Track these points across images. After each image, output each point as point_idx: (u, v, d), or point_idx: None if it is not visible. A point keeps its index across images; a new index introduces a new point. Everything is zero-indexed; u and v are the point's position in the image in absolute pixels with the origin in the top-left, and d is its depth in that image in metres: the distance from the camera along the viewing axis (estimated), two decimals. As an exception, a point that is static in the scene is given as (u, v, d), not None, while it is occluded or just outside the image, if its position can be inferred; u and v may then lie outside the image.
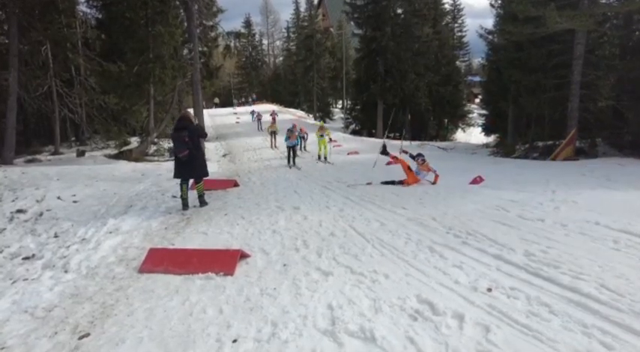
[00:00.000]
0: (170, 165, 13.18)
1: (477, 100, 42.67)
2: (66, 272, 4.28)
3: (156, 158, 16.62)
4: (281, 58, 57.69)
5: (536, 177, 9.43)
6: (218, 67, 22.84)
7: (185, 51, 20.10)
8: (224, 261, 4.06)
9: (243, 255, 4.32)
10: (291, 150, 12.95)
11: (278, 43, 58.88)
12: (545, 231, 4.98)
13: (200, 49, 18.32)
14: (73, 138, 20.21)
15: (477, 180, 8.42)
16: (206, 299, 3.48)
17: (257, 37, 56.68)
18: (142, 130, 18.49)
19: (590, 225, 5.11)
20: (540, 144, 17.17)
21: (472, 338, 2.74)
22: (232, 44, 20.89)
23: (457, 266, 3.95)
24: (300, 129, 16.93)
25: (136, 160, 15.17)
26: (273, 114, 21.02)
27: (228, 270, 3.96)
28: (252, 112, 31.52)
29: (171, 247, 4.81)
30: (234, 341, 2.82)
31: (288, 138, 13.18)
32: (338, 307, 3.18)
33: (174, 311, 3.31)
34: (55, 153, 17.25)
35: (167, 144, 19.11)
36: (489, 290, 3.42)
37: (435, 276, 3.74)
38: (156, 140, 18.62)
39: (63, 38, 16.24)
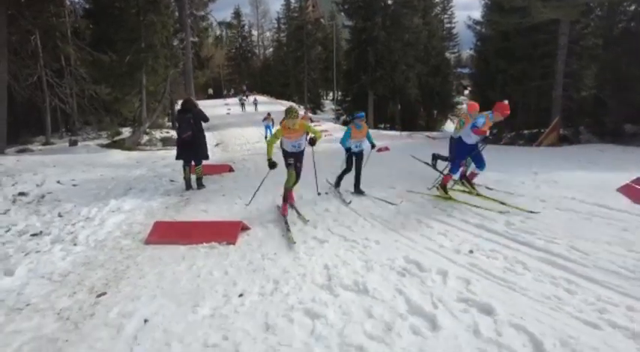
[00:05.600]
0: (164, 153, 13.37)
1: (466, 92, 43.12)
2: (75, 245, 4.51)
3: (148, 147, 16.68)
4: (271, 50, 57.43)
5: (520, 161, 9.83)
6: (209, 57, 22.82)
7: (176, 42, 20.09)
8: (226, 232, 4.34)
9: (244, 227, 4.59)
10: (356, 159, 6.32)
11: (268, 34, 58.48)
12: (525, 204, 5.34)
13: (191, 39, 18.36)
14: (64, 129, 20.11)
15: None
16: (211, 263, 3.77)
17: (246, 28, 56.29)
18: (135, 120, 18.49)
19: (567, 200, 5.49)
20: (526, 131, 17.64)
21: (454, 288, 3.07)
22: (223, 34, 20.82)
23: (442, 233, 4.29)
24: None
25: (129, 150, 15.24)
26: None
27: (231, 239, 4.24)
28: (267, 120, 17.60)
29: (175, 219, 5.06)
30: (240, 295, 3.12)
31: (348, 137, 6.19)
32: (333, 266, 3.50)
33: (183, 274, 3.58)
34: (47, 143, 17.17)
35: (159, 134, 19.17)
36: (471, 252, 3.77)
37: (422, 242, 4.08)
38: (148, 130, 18.65)
39: (52, 27, 16.12)
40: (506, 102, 5.17)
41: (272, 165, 5.23)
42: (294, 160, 5.43)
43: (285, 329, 2.61)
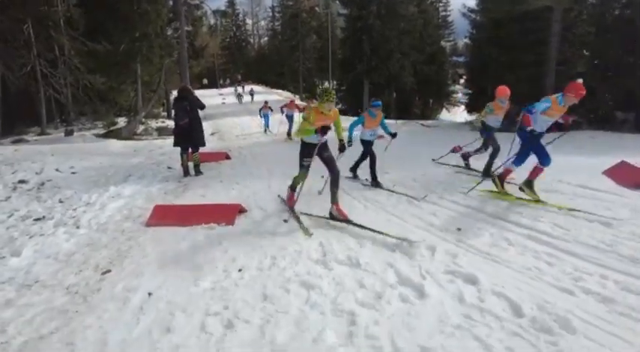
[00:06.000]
0: (161, 142, 13.45)
1: (462, 81, 43.17)
2: (78, 228, 4.65)
3: (145, 137, 16.72)
4: (266, 39, 57.04)
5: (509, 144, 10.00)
6: (203, 46, 22.72)
7: (170, 31, 19.98)
8: (225, 214, 4.50)
9: (242, 210, 4.76)
10: (371, 148, 6.18)
11: (262, 22, 58.03)
12: (514, 187, 5.52)
13: (186, 28, 18.29)
14: (58, 120, 20.06)
15: (456, 149, 8.93)
16: (211, 243, 3.92)
17: (241, 16, 55.82)
18: (130, 110, 18.47)
19: (555, 183, 5.69)
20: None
21: (442, 261, 3.26)
22: (218, 22, 20.72)
23: (432, 213, 4.48)
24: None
25: (126, 139, 15.29)
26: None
27: (229, 221, 4.40)
28: (265, 109, 15.88)
29: (174, 203, 5.21)
30: (240, 270, 3.29)
31: (359, 124, 6.11)
32: (328, 244, 3.67)
33: (184, 253, 3.75)
34: (42, 133, 17.18)
35: (155, 123, 19.20)
36: (459, 229, 3.95)
37: (413, 221, 4.26)
38: (144, 120, 18.65)
39: (44, 16, 16.00)
40: (580, 80, 4.42)
41: (324, 130, 4.23)
42: (317, 153, 4.43)
43: (282, 299, 2.79)
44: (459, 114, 33.00)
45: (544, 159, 4.83)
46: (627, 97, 14.62)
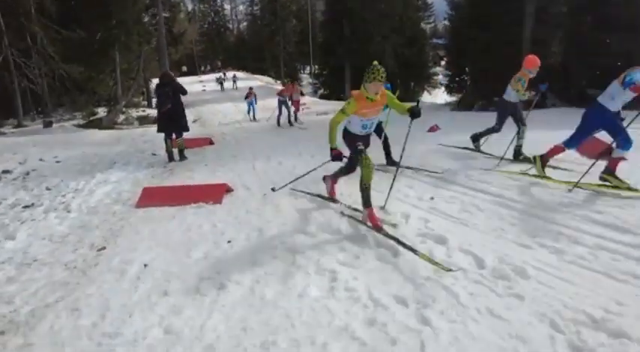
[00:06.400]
0: (143, 130, 13.42)
1: (443, 63, 43.46)
2: (69, 212, 4.80)
3: (126, 126, 16.59)
4: (245, 24, 56.14)
5: (487, 124, 10.35)
6: (182, 32, 22.39)
7: (147, 18, 19.60)
8: (212, 193, 4.70)
9: (228, 190, 4.96)
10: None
11: (241, 7, 57.02)
12: (486, 161, 5.85)
13: (163, 14, 17.98)
14: (35, 112, 19.62)
15: (433, 128, 9.26)
16: (200, 220, 4.14)
17: (219, 2, 54.71)
18: (110, 100, 18.22)
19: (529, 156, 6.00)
20: (497, 98, 18.25)
21: (415, 226, 3.55)
22: (196, 8, 20.41)
23: (408, 186, 4.77)
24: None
25: (107, 129, 15.16)
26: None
27: (217, 200, 4.61)
28: (250, 96, 16.18)
29: (163, 185, 5.37)
30: (229, 241, 3.52)
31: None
32: (311, 215, 3.92)
33: (175, 229, 3.96)
34: (19, 125, 16.83)
35: (136, 112, 19.02)
36: (432, 198, 4.25)
37: (390, 193, 4.52)
38: (124, 109, 18.44)
39: (14, 3, 15.53)
40: None
41: (337, 157, 3.46)
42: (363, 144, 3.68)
43: (269, 263, 3.04)
44: (439, 95, 33.39)
45: (625, 141, 3.96)
46: (602, 76, 15.09)
